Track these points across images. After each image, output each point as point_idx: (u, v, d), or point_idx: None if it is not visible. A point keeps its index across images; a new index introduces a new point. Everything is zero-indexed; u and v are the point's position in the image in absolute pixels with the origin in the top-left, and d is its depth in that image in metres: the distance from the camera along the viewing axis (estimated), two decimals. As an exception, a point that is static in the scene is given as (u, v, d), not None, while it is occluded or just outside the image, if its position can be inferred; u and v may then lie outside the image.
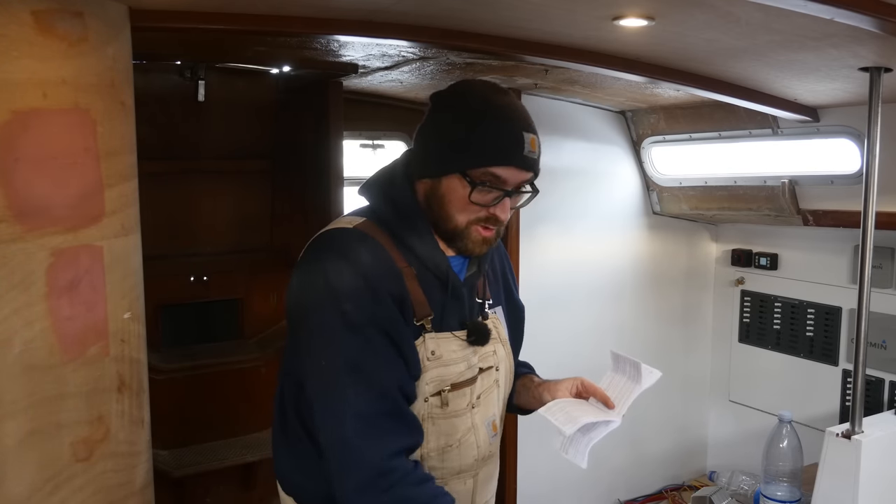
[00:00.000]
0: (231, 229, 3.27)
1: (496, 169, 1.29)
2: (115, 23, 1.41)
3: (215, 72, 3.02)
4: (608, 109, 3.03)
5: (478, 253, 1.37)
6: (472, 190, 1.30)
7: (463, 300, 1.41)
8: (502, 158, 1.30)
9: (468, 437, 1.41)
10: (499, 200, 1.32)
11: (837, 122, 2.41)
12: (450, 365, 1.37)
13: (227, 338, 3.31)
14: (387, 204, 1.38)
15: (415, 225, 1.36)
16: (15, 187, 1.28)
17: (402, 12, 1.59)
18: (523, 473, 2.97)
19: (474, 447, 1.42)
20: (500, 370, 1.48)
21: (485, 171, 1.29)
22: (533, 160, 1.33)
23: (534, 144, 1.33)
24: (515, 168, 1.31)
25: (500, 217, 1.33)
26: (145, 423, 1.53)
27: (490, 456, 1.48)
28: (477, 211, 1.32)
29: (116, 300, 1.43)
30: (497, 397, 1.48)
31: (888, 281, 2.65)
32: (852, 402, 1.73)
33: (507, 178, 1.31)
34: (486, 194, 1.31)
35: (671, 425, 3.42)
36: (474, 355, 1.42)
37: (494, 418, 1.47)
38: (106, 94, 1.39)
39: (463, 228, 1.34)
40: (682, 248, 3.34)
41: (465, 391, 1.40)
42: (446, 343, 1.37)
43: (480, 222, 1.33)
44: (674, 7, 1.44)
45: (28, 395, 1.32)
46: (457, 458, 1.40)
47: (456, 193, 1.32)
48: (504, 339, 1.51)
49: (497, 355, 1.48)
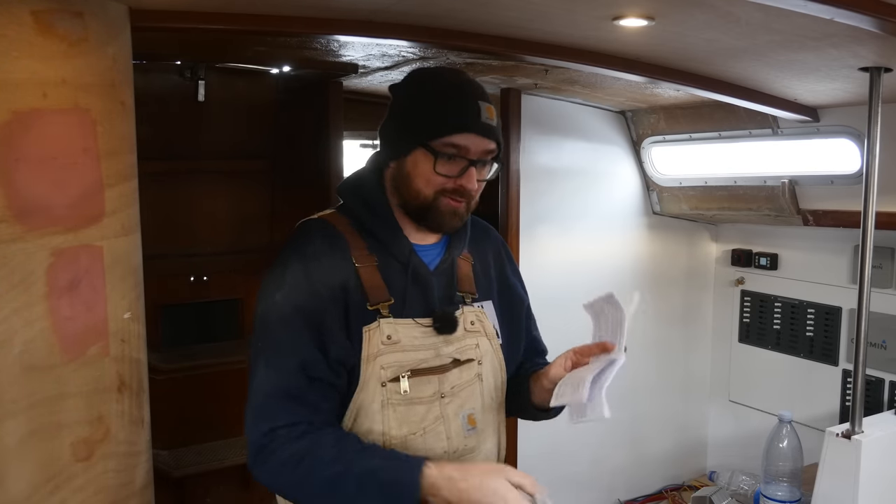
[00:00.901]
0: (231, 229, 3.27)
1: (456, 138, 1.34)
2: (115, 23, 1.41)
3: (215, 72, 3.02)
4: (608, 109, 3.03)
5: (450, 226, 1.41)
6: (436, 160, 1.34)
7: (430, 288, 1.42)
8: (461, 126, 1.34)
9: (435, 427, 1.39)
10: (464, 171, 1.35)
11: (837, 122, 2.41)
12: (409, 351, 1.37)
13: (227, 338, 3.31)
14: (355, 197, 1.45)
15: (379, 213, 1.42)
16: (15, 187, 1.28)
17: (402, 12, 1.59)
18: (523, 473, 2.97)
19: (443, 438, 1.40)
20: (483, 364, 1.47)
21: (446, 142, 1.34)
22: (491, 127, 1.37)
23: (491, 112, 1.37)
24: (475, 135, 1.35)
25: (468, 187, 1.37)
26: (145, 423, 1.53)
27: (469, 451, 1.45)
28: (443, 183, 1.36)
29: (116, 300, 1.43)
30: (480, 392, 1.47)
31: (888, 281, 2.65)
32: (852, 402, 1.73)
33: (468, 147, 1.35)
34: (450, 164, 1.36)
35: (671, 425, 3.42)
36: (447, 345, 1.41)
37: (473, 412, 1.45)
38: (106, 94, 1.39)
39: (431, 201, 1.37)
40: (682, 248, 3.34)
41: (431, 379, 1.39)
42: (406, 329, 1.38)
43: (448, 194, 1.37)
44: (674, 7, 1.44)
45: (28, 395, 1.32)
46: (421, 448, 1.38)
47: (421, 167, 1.37)
48: (490, 334, 1.49)
49: (480, 349, 1.47)
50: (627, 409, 3.24)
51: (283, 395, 1.31)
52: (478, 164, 1.37)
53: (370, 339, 1.35)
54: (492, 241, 1.64)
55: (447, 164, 1.35)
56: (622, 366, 1.38)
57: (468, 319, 1.47)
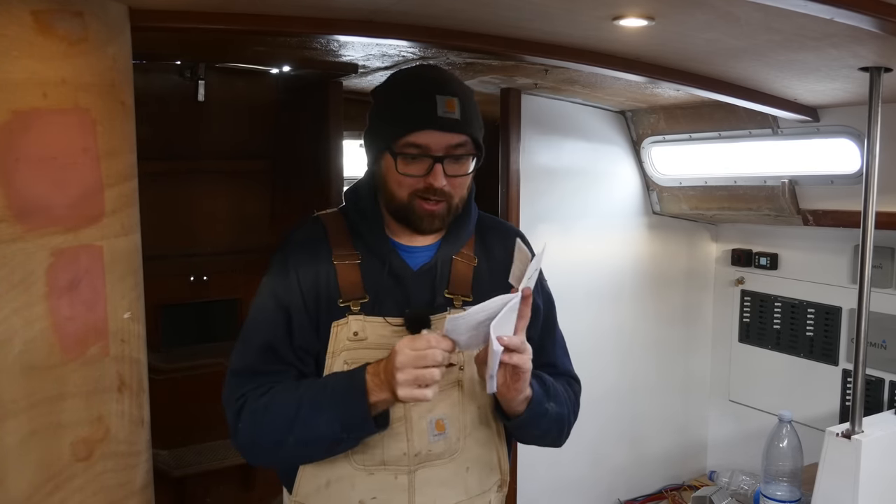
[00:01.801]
0: (231, 229, 3.28)
1: (415, 136, 1.32)
2: (115, 23, 1.41)
3: (215, 72, 3.02)
4: (608, 109, 3.03)
5: (429, 227, 1.39)
6: (396, 162, 1.34)
7: (409, 288, 1.41)
8: (417, 124, 1.32)
9: (395, 428, 1.37)
10: (430, 169, 1.33)
11: (837, 122, 2.40)
12: (375, 349, 1.35)
13: (227, 338, 3.31)
14: (351, 198, 1.48)
15: (367, 215, 1.44)
16: (15, 187, 1.28)
17: (402, 12, 1.59)
18: (523, 473, 2.97)
19: (402, 440, 1.38)
20: (465, 371, 1.42)
21: (405, 142, 1.33)
22: (453, 120, 1.32)
23: (451, 105, 1.32)
24: (434, 131, 1.32)
25: (436, 185, 1.33)
26: (145, 423, 1.53)
27: (437, 457, 1.41)
28: (414, 183, 1.35)
29: (116, 300, 1.43)
30: (458, 399, 1.42)
31: (888, 281, 2.65)
32: (852, 402, 1.73)
33: (428, 144, 1.32)
34: (415, 164, 1.34)
35: (671, 425, 3.42)
36: None
37: (443, 418, 1.40)
38: (106, 94, 1.39)
39: (406, 204, 1.37)
40: (682, 248, 3.34)
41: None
42: (375, 327, 1.38)
43: (420, 195, 1.35)
44: (674, 7, 1.44)
45: (28, 395, 1.32)
46: (378, 447, 1.37)
47: (390, 171, 1.37)
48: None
49: (463, 354, 1.41)
50: (627, 408, 3.24)
51: (251, 371, 1.39)
52: (446, 161, 1.33)
53: (337, 334, 1.38)
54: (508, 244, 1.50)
55: (411, 164, 1.34)
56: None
57: None
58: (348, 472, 1.39)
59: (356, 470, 1.39)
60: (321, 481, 1.41)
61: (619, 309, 3.19)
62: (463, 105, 1.35)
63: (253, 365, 1.39)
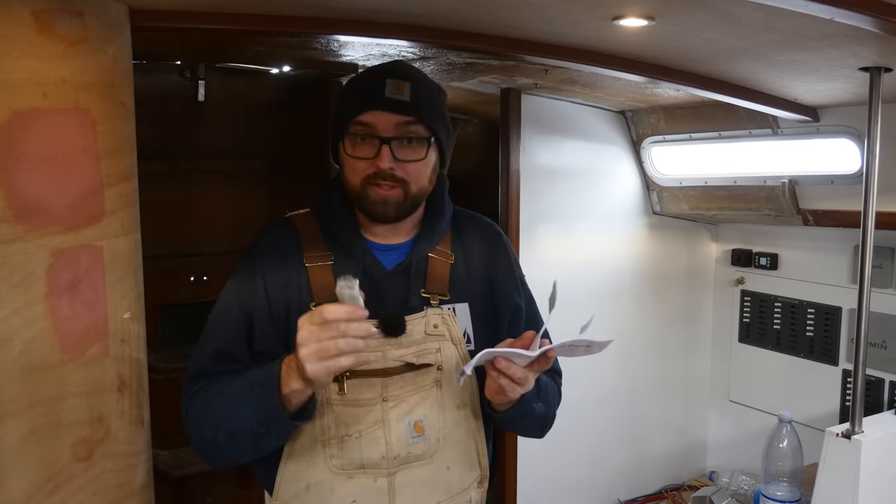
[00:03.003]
0: (231, 229, 3.27)
1: (361, 116, 1.34)
2: (115, 23, 1.41)
3: (215, 72, 3.02)
4: (608, 109, 3.03)
5: (382, 213, 1.38)
6: (344, 142, 1.35)
7: (383, 289, 1.40)
8: (362, 104, 1.34)
9: (373, 431, 1.36)
10: (378, 151, 1.33)
11: (837, 122, 2.41)
12: None
13: (227, 338, 3.30)
14: (323, 199, 1.48)
15: (339, 215, 1.43)
16: (15, 187, 1.28)
17: (402, 12, 1.58)
18: (523, 473, 2.97)
19: (381, 443, 1.37)
20: (443, 370, 1.41)
21: (354, 122, 1.34)
22: (400, 102, 1.33)
23: (400, 87, 1.34)
24: (379, 111, 1.33)
25: (381, 166, 1.33)
26: (145, 423, 1.53)
27: (416, 459, 1.40)
28: (365, 168, 1.35)
29: (116, 300, 1.43)
30: (436, 399, 1.41)
31: (888, 281, 2.65)
32: (852, 402, 1.73)
33: (374, 124, 1.33)
34: (360, 146, 1.35)
35: (671, 425, 3.42)
36: (398, 348, 1.38)
37: (421, 419, 1.39)
38: (106, 94, 1.39)
39: (360, 190, 1.37)
40: (682, 248, 3.34)
41: (374, 382, 1.36)
42: None
43: (371, 180, 1.35)
44: (674, 7, 1.43)
45: (28, 395, 1.32)
46: (357, 451, 1.36)
47: (344, 158, 1.38)
48: (457, 339, 1.43)
49: (441, 353, 1.40)
50: (627, 409, 3.24)
51: (204, 374, 1.39)
52: (394, 143, 1.33)
53: None
54: (485, 240, 1.56)
55: (360, 145, 1.35)
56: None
57: (431, 322, 1.41)
58: (327, 476, 1.37)
59: (335, 474, 1.37)
60: (301, 485, 1.39)
61: (619, 309, 3.19)
62: (415, 89, 1.35)
63: (206, 367, 1.39)
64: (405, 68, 1.41)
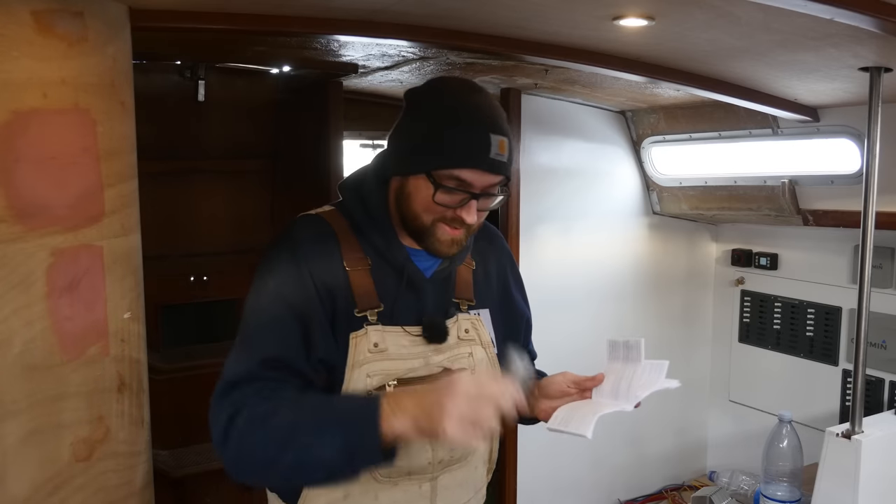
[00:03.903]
0: (231, 229, 3.27)
1: (460, 171, 1.28)
2: (115, 23, 1.41)
3: (215, 72, 3.02)
4: (608, 109, 3.03)
5: (446, 252, 1.36)
6: (435, 191, 1.29)
7: (423, 296, 1.39)
8: (467, 161, 1.28)
9: None
10: (464, 203, 1.31)
11: (837, 122, 2.40)
12: (397, 360, 1.34)
13: (227, 338, 3.27)
14: (354, 198, 1.40)
15: (377, 219, 1.37)
16: (15, 187, 1.28)
17: (402, 12, 1.58)
18: (523, 473, 2.97)
19: (427, 449, 1.37)
20: (475, 374, 1.42)
21: (449, 174, 1.28)
22: (501, 163, 1.30)
23: (503, 147, 1.30)
24: (481, 171, 1.29)
25: (466, 219, 1.32)
26: (145, 423, 1.53)
27: (456, 461, 1.42)
28: (442, 211, 1.32)
29: (116, 300, 1.43)
30: None
31: (888, 281, 2.65)
32: (852, 402, 1.73)
33: (472, 181, 1.29)
34: (450, 196, 1.30)
35: (671, 425, 3.42)
36: (437, 354, 1.38)
37: None
38: (106, 94, 1.39)
39: (428, 226, 1.33)
40: (682, 248, 3.34)
41: (417, 389, 1.35)
42: (394, 337, 1.34)
43: (447, 221, 1.33)
44: (674, 7, 1.44)
45: (28, 395, 1.32)
46: (405, 458, 1.34)
47: (421, 193, 1.31)
48: (486, 343, 1.46)
49: (473, 357, 1.43)
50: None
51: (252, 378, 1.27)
52: (481, 197, 1.32)
53: (357, 345, 1.32)
54: (497, 248, 1.60)
55: (448, 195, 1.30)
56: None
57: (462, 327, 1.43)
58: (371, 485, 1.35)
59: (380, 483, 1.36)
60: (337, 494, 1.36)
61: (619, 309, 3.19)
62: (510, 145, 1.33)
63: (255, 374, 1.27)
64: (501, 115, 1.35)
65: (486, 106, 1.33)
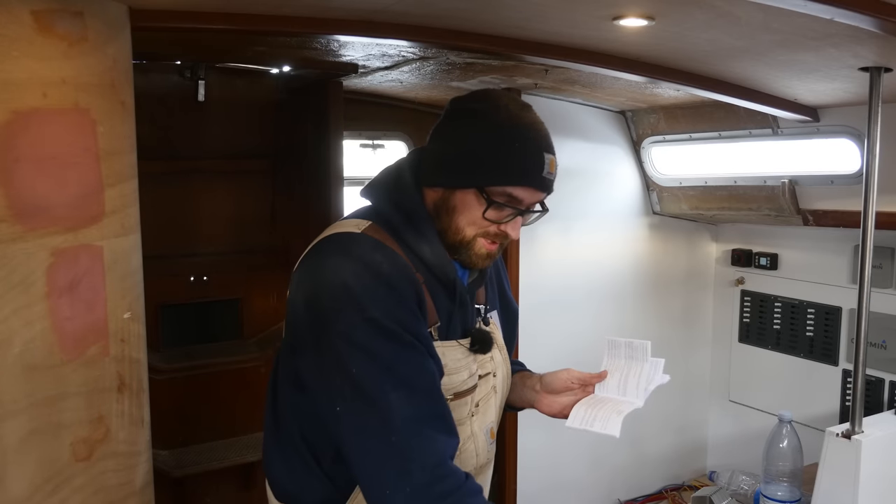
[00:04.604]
0: (231, 229, 3.27)
1: (515, 189, 1.29)
2: (115, 23, 1.41)
3: (215, 72, 3.02)
4: (608, 109, 3.03)
5: (480, 266, 1.37)
6: (487, 207, 1.28)
7: (467, 307, 1.39)
8: (523, 179, 1.29)
9: (468, 446, 1.39)
10: (511, 218, 1.31)
11: (837, 122, 2.41)
12: (453, 374, 1.34)
13: (227, 338, 3.31)
14: (393, 208, 1.33)
15: (423, 232, 1.32)
16: (15, 187, 1.28)
17: (402, 12, 1.58)
18: (523, 473, 2.97)
19: (473, 455, 1.40)
20: (497, 376, 1.46)
21: (503, 191, 1.28)
22: (550, 181, 1.33)
23: (552, 166, 1.32)
24: (534, 189, 1.31)
25: (511, 235, 1.33)
26: (145, 423, 1.53)
27: (487, 463, 1.47)
28: (487, 226, 1.31)
29: (116, 300, 1.43)
30: (494, 403, 1.46)
31: (888, 281, 2.65)
32: (852, 402, 1.73)
33: (523, 198, 1.31)
34: (500, 212, 1.30)
35: (671, 425, 3.42)
36: (474, 363, 1.40)
37: (492, 425, 1.45)
38: (106, 94, 1.39)
39: (469, 241, 1.32)
40: (682, 248, 3.34)
41: (467, 399, 1.37)
42: (452, 351, 1.34)
43: (488, 237, 1.33)
44: (674, 7, 1.44)
45: (28, 395, 1.32)
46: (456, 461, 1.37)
47: (469, 208, 1.30)
48: (501, 345, 1.49)
49: (494, 361, 1.45)
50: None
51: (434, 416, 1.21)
52: (525, 213, 1.34)
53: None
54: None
55: (498, 211, 1.30)
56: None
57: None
58: None
59: None
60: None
61: (619, 309, 3.19)
62: (556, 164, 1.34)
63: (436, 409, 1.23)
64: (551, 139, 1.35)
65: (540, 124, 1.35)
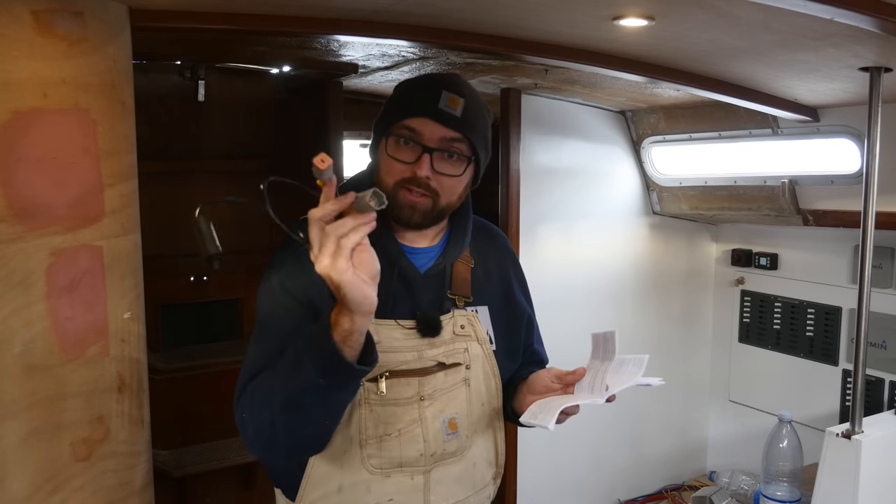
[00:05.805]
0: (231, 229, 3.27)
1: (409, 121, 1.34)
2: (115, 23, 1.41)
3: (215, 72, 3.03)
4: (608, 109, 3.03)
5: (409, 219, 1.37)
6: (386, 142, 1.35)
7: (417, 290, 1.41)
8: (414, 109, 1.34)
9: (412, 429, 1.38)
10: (418, 157, 1.34)
11: (837, 122, 2.41)
12: (389, 352, 1.35)
13: (227, 338, 3.31)
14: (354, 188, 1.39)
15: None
16: (15, 187, 1.28)
17: (402, 12, 1.58)
18: (523, 473, 2.97)
19: (419, 441, 1.39)
20: (471, 369, 1.45)
21: (400, 125, 1.34)
22: (452, 116, 1.34)
23: (454, 103, 1.34)
24: (429, 120, 1.33)
25: (419, 174, 1.33)
26: (145, 423, 1.53)
27: (450, 455, 1.44)
28: (401, 171, 1.35)
29: (116, 300, 1.43)
30: (466, 398, 1.45)
31: (888, 281, 2.65)
32: (852, 402, 1.73)
33: (421, 131, 1.33)
34: (402, 149, 1.35)
35: (671, 425, 3.42)
36: (432, 348, 1.40)
37: (455, 417, 1.43)
38: (106, 94, 1.39)
39: (391, 193, 1.35)
40: (682, 248, 3.34)
41: (411, 381, 1.38)
42: (388, 330, 1.36)
43: (405, 185, 1.35)
44: (674, 7, 1.44)
45: (28, 395, 1.32)
46: (396, 450, 1.37)
47: (382, 156, 1.38)
48: (482, 339, 1.47)
49: (468, 353, 1.45)
50: (627, 409, 3.23)
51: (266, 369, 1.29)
52: (436, 154, 1.34)
53: None
54: (499, 247, 1.62)
55: (402, 149, 1.35)
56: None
57: (458, 323, 1.45)
58: (363, 476, 1.38)
59: (372, 474, 1.38)
60: (331, 487, 1.39)
61: (619, 309, 3.19)
62: (467, 106, 1.36)
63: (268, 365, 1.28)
64: (461, 84, 1.40)
65: (449, 76, 1.42)
